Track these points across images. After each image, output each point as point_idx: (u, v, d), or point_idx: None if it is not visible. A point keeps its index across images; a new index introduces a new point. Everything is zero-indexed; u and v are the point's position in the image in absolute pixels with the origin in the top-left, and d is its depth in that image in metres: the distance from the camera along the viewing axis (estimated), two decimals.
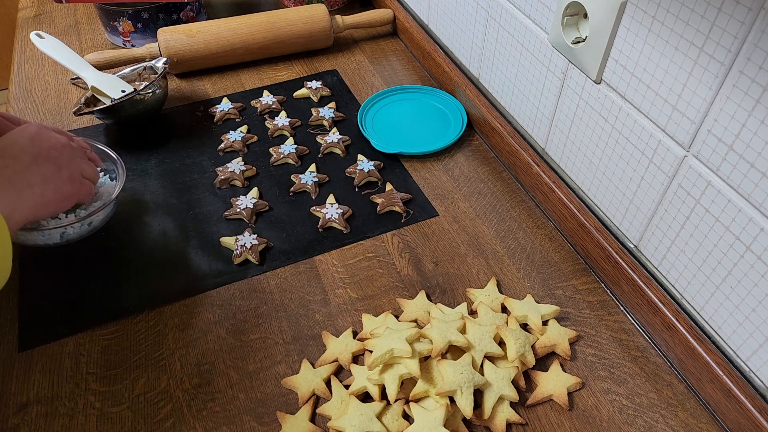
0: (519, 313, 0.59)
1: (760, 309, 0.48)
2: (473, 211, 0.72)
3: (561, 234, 0.69)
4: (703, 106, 0.47)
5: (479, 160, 0.79)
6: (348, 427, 0.50)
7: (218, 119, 0.85)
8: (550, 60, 0.65)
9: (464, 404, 0.50)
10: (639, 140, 0.55)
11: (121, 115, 0.80)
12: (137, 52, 0.89)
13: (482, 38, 0.79)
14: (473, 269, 0.65)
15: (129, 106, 0.79)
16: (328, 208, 0.70)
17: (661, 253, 0.57)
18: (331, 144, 0.80)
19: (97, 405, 0.54)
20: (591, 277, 0.65)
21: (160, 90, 0.81)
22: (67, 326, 0.60)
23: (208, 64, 0.93)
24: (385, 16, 1.00)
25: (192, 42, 0.89)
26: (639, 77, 0.53)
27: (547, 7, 0.63)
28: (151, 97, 0.80)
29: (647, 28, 0.50)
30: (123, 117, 0.81)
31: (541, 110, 0.70)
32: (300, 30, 0.94)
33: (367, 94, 0.90)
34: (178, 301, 0.62)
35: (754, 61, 0.42)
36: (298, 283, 0.64)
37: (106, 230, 0.69)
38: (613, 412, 0.54)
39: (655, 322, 0.57)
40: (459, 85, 0.85)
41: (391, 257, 0.67)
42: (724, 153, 0.47)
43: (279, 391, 0.55)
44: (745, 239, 0.47)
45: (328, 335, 0.58)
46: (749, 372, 0.51)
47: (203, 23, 0.92)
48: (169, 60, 0.84)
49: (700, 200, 0.50)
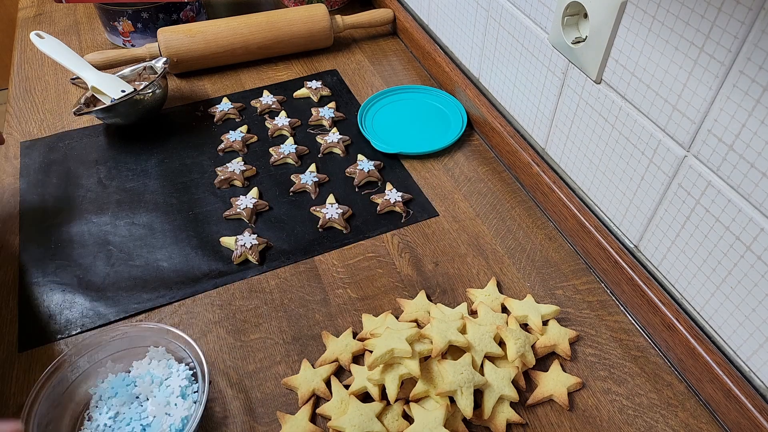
0: (519, 313, 0.59)
1: (760, 309, 0.48)
2: (473, 211, 0.72)
3: (561, 234, 0.69)
4: (703, 106, 0.47)
5: (479, 160, 0.79)
6: (348, 427, 0.50)
7: (218, 119, 0.85)
8: (550, 60, 0.65)
9: (464, 404, 0.50)
10: (639, 140, 0.55)
11: (121, 114, 0.80)
12: (137, 52, 0.89)
13: (482, 38, 0.79)
14: (473, 269, 0.65)
15: (129, 106, 0.79)
16: (328, 208, 0.70)
17: (661, 253, 0.57)
18: (331, 144, 0.80)
19: None
20: (591, 277, 0.65)
21: (160, 90, 0.81)
22: (67, 326, 0.60)
23: (209, 64, 0.93)
24: (385, 16, 1.00)
25: (192, 42, 0.89)
26: (639, 77, 0.53)
27: (547, 7, 0.63)
28: (150, 97, 0.80)
29: (647, 28, 0.50)
30: (123, 117, 0.81)
31: (541, 110, 0.70)
32: (300, 30, 0.94)
33: (367, 94, 0.90)
34: (178, 301, 0.62)
35: (754, 61, 0.42)
36: (298, 283, 0.64)
37: (106, 231, 0.69)
38: (613, 412, 0.54)
39: (655, 322, 0.57)
40: (459, 85, 0.85)
41: (391, 257, 0.67)
42: (724, 153, 0.47)
43: (279, 391, 0.55)
44: (745, 239, 0.47)
45: (328, 335, 0.58)
46: (749, 372, 0.51)
47: (203, 23, 0.92)
48: (169, 60, 0.84)
49: (700, 200, 0.50)
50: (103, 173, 0.77)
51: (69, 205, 0.72)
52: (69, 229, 0.69)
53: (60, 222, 0.70)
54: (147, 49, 0.90)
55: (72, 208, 0.72)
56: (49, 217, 0.71)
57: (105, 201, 0.73)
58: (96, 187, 0.75)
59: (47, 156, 0.79)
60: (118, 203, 0.73)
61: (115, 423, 0.51)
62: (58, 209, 0.72)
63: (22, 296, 0.62)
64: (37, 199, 0.73)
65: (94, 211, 0.72)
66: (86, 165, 0.78)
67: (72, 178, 0.76)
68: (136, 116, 0.81)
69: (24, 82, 0.92)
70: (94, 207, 0.72)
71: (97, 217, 0.71)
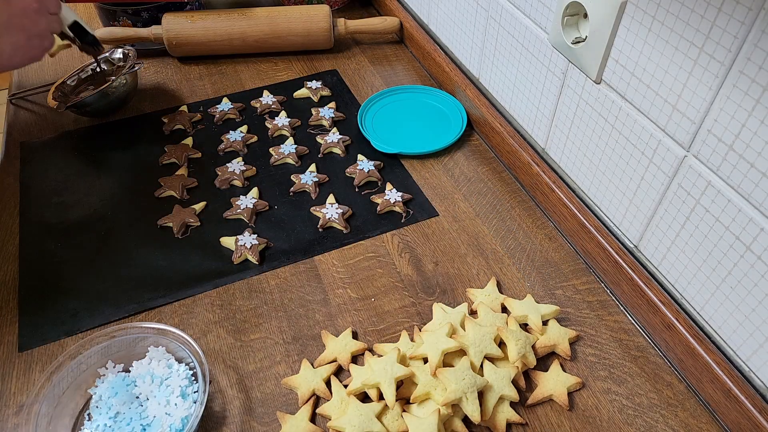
0: (519, 313, 0.59)
1: (760, 309, 0.48)
2: (473, 211, 0.72)
3: (561, 234, 0.69)
4: (703, 106, 0.47)
5: (479, 160, 0.79)
6: (348, 427, 0.50)
7: (218, 119, 0.85)
8: (550, 60, 0.65)
9: (471, 410, 0.50)
10: (639, 140, 0.55)
11: (93, 107, 0.82)
12: (141, 33, 0.93)
13: (482, 38, 0.79)
14: (473, 269, 0.65)
15: (100, 97, 0.81)
16: (328, 208, 0.70)
17: (661, 253, 0.57)
18: (331, 144, 0.80)
19: None
20: (591, 277, 0.65)
21: (128, 81, 0.84)
22: (67, 326, 0.60)
23: (206, 51, 0.95)
24: (391, 24, 0.99)
25: (192, 27, 0.92)
26: (639, 77, 0.53)
27: (547, 7, 0.63)
28: (122, 86, 0.83)
29: (647, 28, 0.50)
30: (95, 109, 0.83)
31: (541, 110, 0.70)
32: (298, 28, 0.94)
33: (367, 94, 0.90)
34: (178, 301, 0.62)
35: (754, 61, 0.42)
36: (298, 283, 0.64)
37: (106, 231, 0.69)
38: (613, 412, 0.54)
39: (655, 322, 0.57)
40: (459, 85, 0.85)
41: (391, 257, 0.67)
42: (724, 153, 0.47)
43: (279, 391, 0.55)
44: (745, 239, 0.47)
45: (328, 335, 0.58)
46: (749, 372, 0.51)
47: (206, 11, 0.95)
48: (128, 52, 0.87)
49: (700, 200, 0.50)
50: (103, 173, 0.77)
51: (69, 205, 0.72)
52: (69, 229, 0.69)
53: (60, 222, 0.70)
54: (151, 31, 0.92)
55: (72, 208, 0.72)
56: (49, 217, 0.71)
57: (105, 201, 0.73)
58: (96, 187, 0.75)
59: (47, 156, 0.79)
60: (118, 203, 0.73)
61: (115, 423, 0.51)
62: (58, 209, 0.72)
63: (22, 296, 0.62)
64: (37, 199, 0.73)
65: (94, 210, 0.72)
66: (86, 165, 0.78)
67: (72, 178, 0.76)
68: (108, 107, 0.84)
69: (24, 82, 0.92)
70: (94, 207, 0.72)
71: (98, 217, 0.71)
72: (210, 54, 0.96)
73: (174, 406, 0.51)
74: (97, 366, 0.54)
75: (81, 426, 0.51)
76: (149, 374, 0.53)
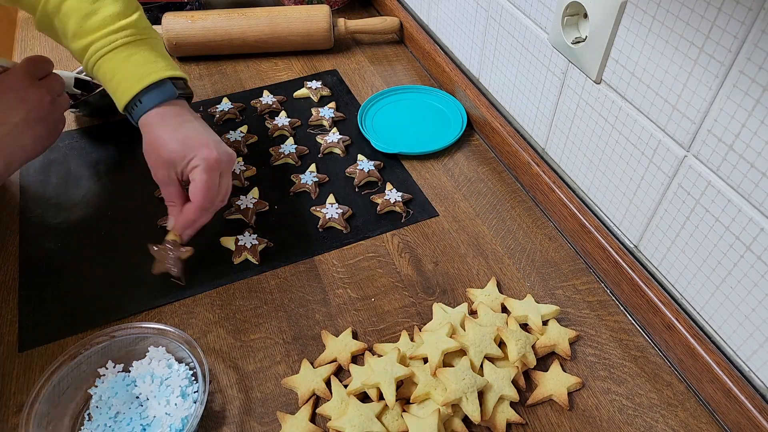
0: (519, 313, 0.59)
1: (760, 309, 0.48)
2: (473, 211, 0.72)
3: (561, 234, 0.69)
4: (703, 106, 0.47)
5: (479, 160, 0.79)
6: (348, 427, 0.50)
7: (218, 119, 0.85)
8: (550, 60, 0.65)
9: (471, 410, 0.50)
10: (639, 140, 0.55)
11: (94, 107, 0.82)
12: None
13: (482, 38, 0.79)
14: (473, 269, 0.65)
15: (101, 98, 0.80)
16: (328, 208, 0.70)
17: (661, 253, 0.57)
18: (331, 144, 0.80)
19: None
20: (591, 277, 0.65)
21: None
22: (67, 326, 0.60)
23: (206, 51, 0.95)
24: (391, 24, 0.99)
25: (192, 27, 0.92)
26: (639, 77, 0.53)
27: (547, 7, 0.63)
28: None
29: (647, 28, 0.50)
30: (95, 109, 0.83)
31: (541, 110, 0.70)
32: (298, 28, 0.94)
33: (367, 94, 0.90)
34: (178, 301, 0.62)
35: (754, 61, 0.42)
36: (298, 283, 0.64)
37: (106, 231, 0.69)
38: (613, 412, 0.54)
39: (655, 322, 0.57)
40: (459, 85, 0.85)
41: (391, 257, 0.67)
42: (724, 153, 0.47)
43: (279, 391, 0.55)
44: (745, 239, 0.47)
45: (328, 335, 0.58)
46: (749, 372, 0.51)
47: (206, 11, 0.95)
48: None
49: (700, 200, 0.50)
50: (103, 173, 0.77)
51: (69, 205, 0.72)
52: (69, 229, 0.69)
53: (60, 222, 0.70)
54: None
55: (72, 208, 0.72)
56: (49, 217, 0.71)
57: (105, 201, 0.73)
58: (96, 187, 0.75)
59: (47, 156, 0.79)
60: (118, 203, 0.73)
61: (115, 423, 0.51)
62: (58, 209, 0.72)
63: (22, 296, 0.62)
64: (37, 199, 0.73)
65: (95, 210, 0.72)
66: (86, 165, 0.78)
67: (72, 178, 0.76)
68: (109, 108, 0.82)
69: None
70: (94, 207, 0.72)
71: (98, 217, 0.71)
72: (210, 54, 0.96)
73: (174, 406, 0.51)
74: (97, 366, 0.54)
75: (81, 426, 0.51)
76: (149, 374, 0.53)
